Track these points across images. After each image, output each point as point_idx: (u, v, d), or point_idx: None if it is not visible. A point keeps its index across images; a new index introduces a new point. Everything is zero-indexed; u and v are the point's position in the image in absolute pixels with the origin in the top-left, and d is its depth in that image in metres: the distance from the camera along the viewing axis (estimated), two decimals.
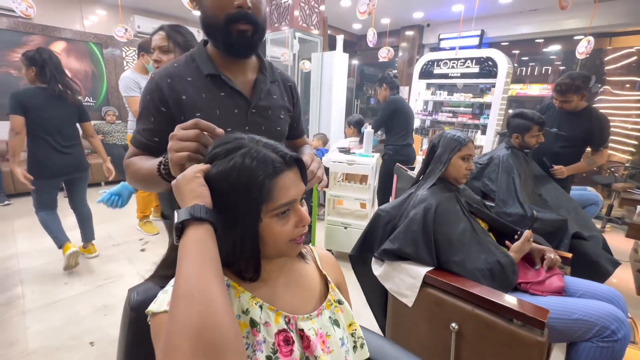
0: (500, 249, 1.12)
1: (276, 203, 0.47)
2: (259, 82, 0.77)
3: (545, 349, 0.86)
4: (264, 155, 0.47)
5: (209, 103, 0.71)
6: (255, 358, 0.47)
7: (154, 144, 0.73)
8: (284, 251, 0.52)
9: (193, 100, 0.70)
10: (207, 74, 0.72)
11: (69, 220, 2.41)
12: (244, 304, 0.50)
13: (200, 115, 0.68)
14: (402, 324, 1.19)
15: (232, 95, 0.73)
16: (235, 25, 0.67)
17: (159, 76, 0.71)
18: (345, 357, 0.56)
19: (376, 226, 1.27)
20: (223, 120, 0.71)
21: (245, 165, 0.46)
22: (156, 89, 0.70)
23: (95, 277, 2.11)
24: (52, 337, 1.56)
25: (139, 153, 0.74)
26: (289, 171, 0.49)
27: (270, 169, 0.46)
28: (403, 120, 2.63)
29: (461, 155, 1.17)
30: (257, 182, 0.45)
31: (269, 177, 0.46)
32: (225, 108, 0.72)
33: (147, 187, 0.72)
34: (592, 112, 1.98)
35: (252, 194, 0.45)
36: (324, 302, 0.59)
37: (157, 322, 0.45)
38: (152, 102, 0.71)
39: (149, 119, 0.72)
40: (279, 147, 0.51)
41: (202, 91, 0.71)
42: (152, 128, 0.72)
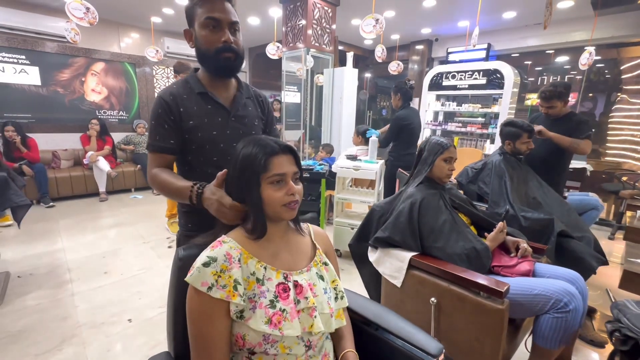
0: (477, 238, 1.29)
1: (270, 173, 0.71)
2: (237, 98, 0.99)
3: (505, 316, 1.03)
4: (267, 142, 0.73)
5: (199, 113, 0.92)
6: (260, 302, 0.68)
7: (171, 145, 0.92)
8: (279, 212, 0.73)
9: (188, 112, 0.92)
10: (198, 92, 0.93)
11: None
12: (251, 267, 0.71)
13: (194, 122, 0.91)
14: (393, 302, 1.38)
15: (216, 107, 0.95)
16: (223, 54, 0.90)
17: (164, 94, 0.92)
18: (327, 302, 0.77)
19: (371, 219, 1.47)
20: (210, 125, 0.93)
21: (254, 149, 0.72)
22: (165, 104, 0.91)
23: (130, 268, 2.40)
24: (97, 314, 1.84)
25: (161, 158, 0.93)
26: (283, 155, 0.73)
27: (269, 149, 0.72)
28: (408, 135, 2.77)
29: (443, 158, 1.37)
30: (258, 159, 0.70)
31: (267, 155, 0.71)
32: (211, 117, 0.94)
33: (170, 197, 0.94)
34: (573, 115, 2.17)
35: (255, 166, 0.71)
36: (311, 262, 0.81)
37: (190, 295, 0.67)
38: (165, 113, 0.90)
39: (162, 126, 0.91)
40: (280, 141, 0.75)
41: (195, 105, 0.93)
42: (168, 133, 0.91)
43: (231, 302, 0.67)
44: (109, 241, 2.91)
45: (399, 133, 2.74)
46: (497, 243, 1.30)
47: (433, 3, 3.83)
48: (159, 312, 1.88)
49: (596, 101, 5.10)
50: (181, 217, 1.05)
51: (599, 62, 4.78)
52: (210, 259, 0.68)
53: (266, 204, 0.72)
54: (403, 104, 2.75)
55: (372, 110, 7.47)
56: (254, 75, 6.89)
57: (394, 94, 2.79)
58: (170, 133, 0.92)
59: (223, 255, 0.69)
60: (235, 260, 0.70)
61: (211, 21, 0.88)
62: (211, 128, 0.93)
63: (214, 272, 0.67)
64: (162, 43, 5.35)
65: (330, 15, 3.83)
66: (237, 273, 0.69)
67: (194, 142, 0.93)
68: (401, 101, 2.75)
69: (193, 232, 0.99)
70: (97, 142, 4.34)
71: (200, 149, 0.94)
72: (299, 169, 0.76)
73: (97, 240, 2.92)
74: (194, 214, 1.00)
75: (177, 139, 0.93)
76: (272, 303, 0.69)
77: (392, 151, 2.86)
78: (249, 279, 0.70)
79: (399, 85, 2.75)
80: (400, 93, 2.73)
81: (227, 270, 0.68)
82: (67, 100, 4.56)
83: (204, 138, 0.93)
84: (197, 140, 0.93)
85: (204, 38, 0.90)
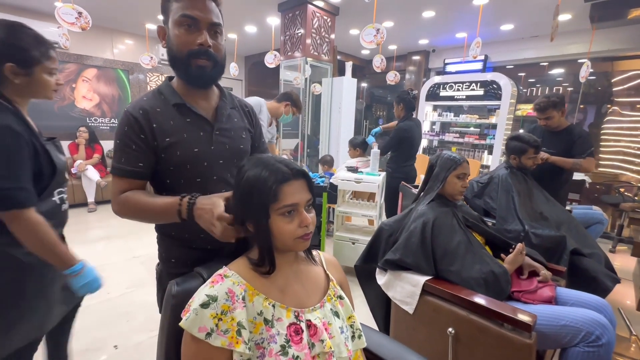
0: (495, 260, 1.21)
1: (281, 204, 0.61)
2: (220, 108, 0.87)
3: (533, 351, 0.94)
4: (277, 167, 0.63)
5: (177, 128, 0.79)
6: (270, 349, 0.58)
7: (140, 169, 0.78)
8: (291, 246, 0.64)
9: (163, 127, 0.78)
10: (174, 104, 0.81)
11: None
12: (258, 306, 0.61)
13: (170, 140, 0.78)
14: (404, 330, 1.28)
15: (197, 120, 0.82)
16: (196, 60, 0.77)
17: (132, 109, 0.78)
18: (344, 342, 0.67)
19: (379, 239, 1.38)
20: (191, 141, 0.80)
21: (262, 174, 0.62)
22: (133, 120, 0.77)
23: (117, 286, 2.26)
24: (78, 340, 1.68)
25: (128, 184, 0.78)
26: (295, 181, 0.64)
27: (280, 176, 0.62)
28: (408, 146, 2.73)
29: (457, 174, 1.29)
30: (267, 186, 0.61)
31: (277, 182, 0.61)
32: (191, 131, 0.81)
33: (149, 220, 0.79)
34: (574, 129, 2.16)
35: (264, 195, 0.61)
36: (325, 296, 0.71)
37: (186, 341, 0.58)
38: (133, 132, 0.76)
39: (129, 147, 0.77)
40: (291, 163, 0.66)
41: (170, 119, 0.80)
42: (136, 155, 0.77)
43: (234, 350, 0.57)
44: (95, 255, 2.75)
45: (400, 144, 2.69)
46: (516, 266, 1.21)
47: (432, 14, 3.83)
48: (149, 336, 1.74)
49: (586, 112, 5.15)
50: (162, 249, 0.90)
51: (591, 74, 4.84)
52: (209, 298, 0.58)
53: (276, 237, 0.63)
54: (406, 114, 2.71)
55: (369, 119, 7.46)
56: (250, 83, 6.83)
57: (397, 104, 2.74)
58: (140, 155, 0.78)
59: (225, 294, 0.59)
60: (239, 298, 0.60)
61: (187, 19, 0.75)
62: (192, 144, 0.80)
63: (213, 314, 0.57)
64: (156, 50, 5.25)
65: (329, 25, 3.80)
66: (242, 314, 0.59)
67: (172, 162, 0.79)
68: (404, 111, 2.71)
69: (177, 269, 0.86)
70: (86, 150, 4.19)
71: (180, 170, 0.80)
72: (312, 194, 0.67)
73: (83, 254, 2.70)
74: (179, 246, 0.86)
75: (147, 161, 0.79)
76: (284, 349, 0.59)
77: (390, 162, 2.81)
78: (255, 321, 0.60)
79: (402, 95, 2.71)
80: (404, 103, 2.69)
81: (230, 312, 0.58)
82: (57, 107, 4.41)
83: (184, 157, 0.79)
84: (176, 160, 0.79)
85: (177, 38, 0.77)
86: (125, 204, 0.77)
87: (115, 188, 0.79)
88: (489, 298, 1.06)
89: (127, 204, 0.77)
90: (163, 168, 0.81)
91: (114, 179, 0.80)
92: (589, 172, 2.09)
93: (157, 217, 0.77)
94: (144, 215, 0.77)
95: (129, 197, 0.77)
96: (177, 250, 0.86)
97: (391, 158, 2.79)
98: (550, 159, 2.06)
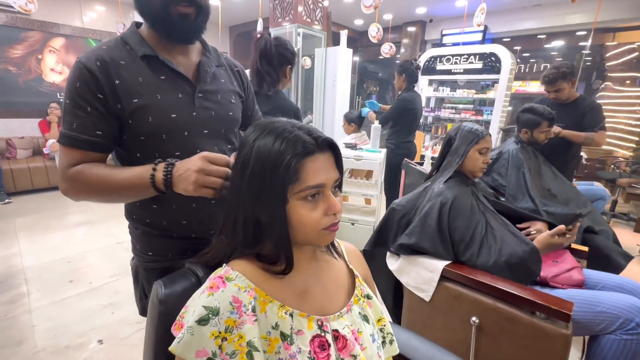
0: (522, 238, 1.09)
1: (303, 185, 0.46)
2: (203, 65, 0.69)
3: (569, 342, 0.85)
4: (296, 135, 0.47)
5: (147, 88, 0.63)
6: None
7: (98, 138, 0.61)
8: (314, 239, 0.50)
9: (128, 85, 0.61)
10: (142, 55, 0.63)
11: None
12: (272, 317, 0.47)
13: (140, 102, 0.61)
14: (418, 319, 1.18)
15: (173, 79, 0.66)
16: (176, 6, 0.61)
17: (86, 59, 0.60)
18: (377, 353, 0.55)
19: (391, 221, 1.25)
20: (166, 105, 0.64)
21: (276, 145, 0.46)
22: (88, 75, 0.59)
23: (101, 275, 2.09)
24: (60, 335, 1.54)
25: (81, 156, 0.61)
26: (320, 154, 0.48)
27: (300, 148, 0.46)
28: (410, 119, 2.59)
29: (478, 149, 1.16)
30: (284, 161, 0.45)
31: (297, 157, 0.45)
32: (167, 92, 0.64)
33: (114, 198, 0.63)
34: (583, 100, 2.06)
35: (279, 173, 0.45)
36: (351, 297, 0.57)
37: None
38: (87, 89, 0.59)
39: (83, 109, 0.59)
40: (315, 130, 0.49)
41: (138, 75, 0.62)
42: (92, 120, 0.60)
43: None
44: (75, 243, 2.55)
45: (401, 115, 2.52)
46: (547, 248, 1.08)
47: None
48: (137, 328, 1.61)
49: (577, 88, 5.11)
50: (136, 240, 0.74)
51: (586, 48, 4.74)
52: (208, 311, 0.44)
53: (295, 228, 0.48)
54: (408, 86, 2.53)
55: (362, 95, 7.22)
56: (235, 57, 6.42)
57: (399, 74, 2.55)
58: (98, 120, 0.61)
59: (228, 304, 0.45)
60: (248, 309, 0.45)
61: None
62: (168, 109, 0.64)
63: (215, 332, 0.43)
64: (131, 18, 4.80)
65: None
66: (253, 331, 0.45)
67: (143, 130, 0.63)
68: (406, 83, 2.52)
69: (157, 263, 0.71)
70: (59, 128, 3.85)
71: (154, 141, 0.64)
72: (340, 172, 0.52)
73: (62, 241, 2.56)
74: (156, 236, 0.70)
75: (108, 128, 0.62)
76: None
77: (390, 138, 2.66)
78: (269, 337, 0.46)
79: (404, 65, 2.52)
80: (406, 74, 2.50)
81: (236, 328, 0.44)
82: (22, 81, 4.01)
83: (158, 124, 0.63)
84: (148, 128, 0.63)
85: None
86: (78, 178, 0.60)
87: (65, 162, 0.61)
88: (519, 284, 0.96)
89: (81, 179, 0.60)
90: (131, 138, 0.64)
91: (63, 151, 0.61)
92: (600, 146, 2.00)
93: (123, 192, 0.60)
94: (105, 191, 0.60)
95: (83, 171, 0.60)
96: (155, 240, 0.71)
97: (392, 133, 2.63)
98: (561, 133, 1.95)
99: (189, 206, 0.69)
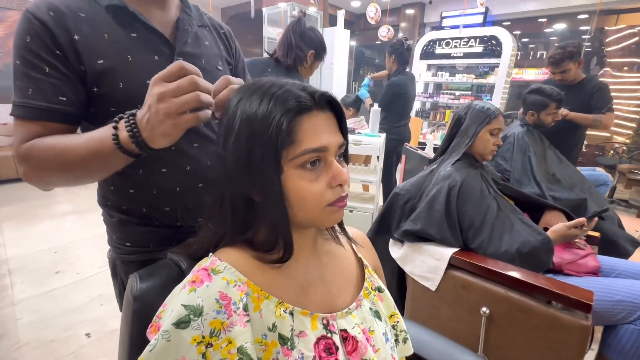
0: (534, 227, 1.03)
1: (299, 149, 0.38)
2: (182, 23, 0.58)
3: (589, 334, 0.79)
4: (287, 90, 0.38)
5: (115, 47, 0.51)
6: None
7: (62, 105, 0.49)
8: (317, 218, 0.41)
9: (90, 42, 0.50)
10: (107, 6, 0.52)
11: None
12: (268, 317, 0.39)
13: (105, 63, 0.50)
14: (423, 309, 1.12)
15: (147, 37, 0.55)
16: None
17: (36, 8, 0.47)
18: (392, 355, 0.47)
19: (394, 206, 1.18)
20: (140, 69, 0.52)
21: (263, 104, 0.38)
22: (39, 25, 0.47)
23: (89, 265, 2.00)
24: (45, 329, 1.46)
25: (40, 129, 0.49)
26: (319, 112, 0.40)
27: (292, 103, 0.37)
28: (403, 103, 2.53)
29: (490, 129, 1.08)
30: (275, 121, 0.37)
31: (290, 113, 0.37)
32: (139, 52, 0.53)
33: (79, 174, 0.49)
34: (590, 81, 1.97)
35: (270, 136, 0.37)
36: (361, 290, 0.50)
37: None
38: (40, 43, 0.47)
39: (40, 69, 0.48)
40: (310, 86, 0.41)
41: (103, 30, 0.51)
42: (52, 83, 0.48)
43: None
44: (63, 232, 2.45)
45: (393, 100, 2.44)
46: (561, 239, 1.02)
47: None
48: None
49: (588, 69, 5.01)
50: (111, 229, 0.65)
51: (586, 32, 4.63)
52: (189, 310, 0.36)
53: (294, 205, 0.40)
54: (398, 68, 2.44)
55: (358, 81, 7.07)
56: None
57: (389, 55, 2.46)
58: (58, 81, 0.49)
59: (214, 301, 0.37)
60: (239, 307, 0.37)
61: None
62: (142, 73, 0.52)
63: (197, 337, 0.35)
64: None
65: None
66: (245, 334, 0.37)
67: (113, 100, 0.52)
68: (396, 64, 2.43)
69: (136, 255, 0.62)
70: None
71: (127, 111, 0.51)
72: (345, 137, 0.43)
73: (48, 231, 2.45)
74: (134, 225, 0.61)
75: (74, 93, 0.50)
76: None
77: (382, 123, 2.57)
78: (265, 340, 0.38)
79: (394, 46, 2.42)
80: (396, 55, 2.40)
81: (225, 330, 0.36)
82: (2, 65, 3.81)
83: (130, 91, 0.51)
84: (119, 97, 0.51)
85: None
86: (31, 154, 0.48)
87: (19, 138, 0.49)
88: (532, 272, 0.90)
89: (35, 154, 0.48)
90: (102, 111, 0.52)
91: (18, 126, 0.49)
92: (609, 128, 1.94)
93: (87, 165, 0.47)
94: (66, 166, 0.48)
95: (35, 144, 0.48)
96: (133, 230, 0.61)
97: (384, 118, 2.56)
98: (569, 116, 1.88)
99: (171, 190, 0.60)
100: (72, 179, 0.51)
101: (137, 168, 0.57)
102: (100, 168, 0.49)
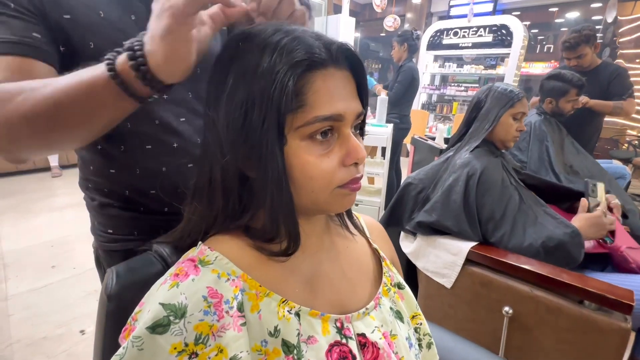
0: (561, 220, 0.94)
1: (309, 115, 0.30)
2: None
3: (628, 337, 0.71)
4: (296, 37, 0.30)
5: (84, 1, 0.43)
6: None
7: (33, 41, 0.39)
8: (325, 202, 0.33)
9: None
10: None
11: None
12: (269, 318, 0.32)
13: (72, 18, 0.42)
14: (437, 308, 1.04)
15: None
16: None
17: None
18: None
19: (406, 196, 1.09)
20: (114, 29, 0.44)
21: (265, 55, 0.29)
22: None
23: (85, 260, 1.94)
24: (38, 325, 1.40)
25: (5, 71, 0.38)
26: (335, 70, 0.31)
27: (302, 55, 0.29)
28: (414, 91, 2.53)
29: (513, 113, 0.98)
30: (278, 77, 0.28)
31: (298, 68, 0.29)
32: (113, 10, 0.45)
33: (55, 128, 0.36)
34: (608, 66, 1.87)
35: (272, 96, 0.28)
36: (379, 287, 0.42)
37: None
38: None
39: (5, 5, 0.39)
40: (326, 35, 0.32)
41: None
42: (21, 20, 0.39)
43: None
44: (60, 226, 2.39)
45: (411, 84, 2.42)
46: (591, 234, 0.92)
47: None
48: None
49: None
50: (93, 215, 0.57)
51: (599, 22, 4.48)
52: (169, 310, 0.28)
53: (299, 184, 0.31)
54: (409, 56, 2.44)
55: None
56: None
57: (399, 44, 2.45)
58: (27, 22, 0.39)
59: (201, 299, 0.29)
60: (232, 307, 0.30)
61: None
62: (116, 33, 0.44)
63: (178, 345, 0.27)
64: None
65: None
66: (239, 341, 0.29)
67: (82, 60, 0.39)
68: (407, 52, 2.43)
69: (119, 243, 0.55)
70: None
71: None
72: (364, 105, 0.34)
73: (45, 225, 2.40)
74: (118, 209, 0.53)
75: (47, 35, 0.41)
76: None
77: (394, 112, 2.49)
78: (265, 348, 0.30)
79: (405, 35, 2.42)
80: (408, 43, 2.40)
81: (214, 336, 0.28)
82: None
83: (102, 53, 0.36)
84: (90, 59, 0.38)
85: None
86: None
87: None
88: (562, 269, 0.81)
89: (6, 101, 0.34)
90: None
91: None
92: (630, 115, 1.84)
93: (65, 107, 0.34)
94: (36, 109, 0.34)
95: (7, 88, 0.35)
96: (115, 215, 0.54)
97: (397, 106, 2.50)
98: (589, 103, 1.77)
99: (157, 170, 0.52)
100: (43, 132, 0.36)
101: (119, 144, 0.49)
102: (85, 114, 0.36)
